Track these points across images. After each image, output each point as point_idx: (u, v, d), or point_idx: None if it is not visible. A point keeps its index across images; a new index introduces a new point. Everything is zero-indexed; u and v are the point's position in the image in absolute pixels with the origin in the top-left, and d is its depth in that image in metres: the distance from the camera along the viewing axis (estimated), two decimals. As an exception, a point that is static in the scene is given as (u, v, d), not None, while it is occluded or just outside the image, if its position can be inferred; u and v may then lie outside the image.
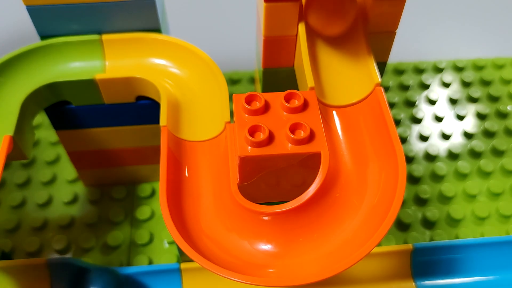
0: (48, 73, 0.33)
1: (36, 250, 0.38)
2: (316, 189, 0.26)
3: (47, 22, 0.32)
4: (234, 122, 0.27)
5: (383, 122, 0.27)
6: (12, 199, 0.41)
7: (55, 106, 0.34)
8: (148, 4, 0.32)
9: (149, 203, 0.41)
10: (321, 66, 0.31)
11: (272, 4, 0.29)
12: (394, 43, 0.33)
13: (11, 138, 0.29)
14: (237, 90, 0.48)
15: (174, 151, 0.28)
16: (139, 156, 0.39)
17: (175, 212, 0.26)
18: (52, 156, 0.43)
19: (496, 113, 0.47)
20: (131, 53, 0.33)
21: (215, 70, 0.31)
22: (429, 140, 0.45)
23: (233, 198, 0.26)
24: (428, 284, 0.32)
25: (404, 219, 0.40)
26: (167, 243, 0.39)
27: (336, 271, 0.23)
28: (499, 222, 0.40)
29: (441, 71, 0.50)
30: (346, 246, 0.25)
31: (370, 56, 0.30)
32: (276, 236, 0.26)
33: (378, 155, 0.27)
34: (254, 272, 0.25)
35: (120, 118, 0.35)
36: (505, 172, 0.43)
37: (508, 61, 0.51)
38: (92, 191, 0.41)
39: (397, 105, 0.48)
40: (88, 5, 0.31)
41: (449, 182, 0.42)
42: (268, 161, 0.26)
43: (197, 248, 0.25)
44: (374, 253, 0.32)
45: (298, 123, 0.26)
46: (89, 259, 0.38)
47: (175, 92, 0.32)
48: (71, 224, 0.40)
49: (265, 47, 0.32)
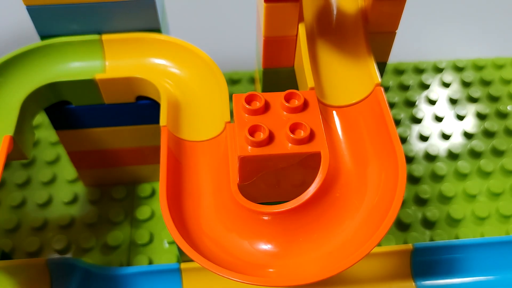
0: (48, 73, 0.33)
1: (36, 250, 0.38)
2: (316, 189, 0.26)
3: (47, 22, 0.32)
4: (234, 122, 0.27)
5: (383, 122, 0.27)
6: (12, 199, 0.41)
7: (55, 106, 0.34)
8: (148, 4, 0.32)
9: (149, 203, 0.41)
10: (321, 66, 0.31)
11: (272, 4, 0.29)
12: (394, 43, 0.33)
13: (11, 138, 0.29)
14: (237, 90, 0.48)
15: (174, 151, 0.28)
16: (139, 156, 0.39)
17: (175, 212, 0.26)
18: (52, 156, 0.43)
19: (496, 113, 0.47)
20: (131, 53, 0.33)
21: (215, 70, 0.31)
22: (429, 140, 0.45)
23: (233, 198, 0.26)
24: (428, 284, 0.32)
25: (404, 219, 0.40)
26: (167, 243, 0.39)
27: (336, 271, 0.23)
28: (499, 222, 0.40)
29: (441, 71, 0.50)
30: (346, 246, 0.25)
31: (370, 56, 0.30)
32: (276, 236, 0.26)
33: (378, 155, 0.27)
34: (254, 272, 0.25)
35: (120, 118, 0.35)
36: (505, 172, 0.43)
37: (508, 61, 0.51)
38: (92, 191, 0.41)
39: (397, 105, 0.48)
40: (88, 5, 0.31)
41: (449, 182, 0.42)
42: (268, 161, 0.26)
43: (197, 248, 0.25)
44: (374, 253, 0.32)
45: (298, 123, 0.26)
46: (89, 259, 0.38)
47: (175, 92, 0.32)
48: (71, 224, 0.40)
49: (265, 47, 0.32)
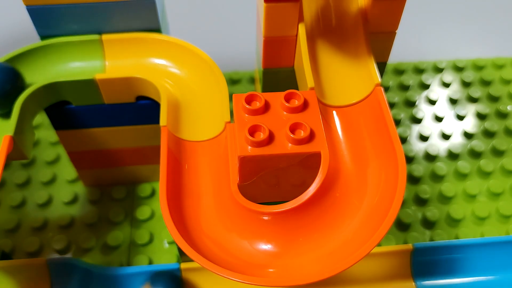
0: (48, 73, 0.33)
1: (36, 250, 0.38)
2: (316, 189, 0.26)
3: (47, 22, 0.32)
4: (234, 122, 0.27)
5: (383, 122, 0.27)
6: (12, 199, 0.41)
7: (55, 106, 0.34)
8: (148, 4, 0.32)
9: (149, 203, 0.41)
10: (321, 66, 0.31)
11: (272, 5, 0.29)
12: (394, 43, 0.33)
13: (11, 138, 0.29)
14: (237, 90, 0.48)
15: (174, 151, 0.28)
16: (139, 156, 0.39)
17: (175, 212, 0.26)
18: (52, 156, 0.43)
19: (496, 113, 0.47)
20: (131, 53, 0.33)
21: (215, 70, 0.31)
22: (429, 140, 0.45)
23: (233, 198, 0.26)
24: (428, 284, 0.32)
25: (404, 219, 0.40)
26: (167, 243, 0.39)
27: (336, 271, 0.23)
28: (499, 222, 0.40)
29: (441, 71, 0.50)
30: (346, 246, 0.25)
31: (370, 56, 0.30)
32: (276, 236, 0.26)
33: (378, 155, 0.27)
34: (254, 272, 0.25)
35: (120, 118, 0.35)
36: (505, 172, 0.43)
37: (508, 61, 0.51)
38: (92, 191, 0.41)
39: (397, 105, 0.48)
40: (88, 5, 0.31)
41: (449, 182, 0.42)
42: (268, 161, 0.26)
43: (197, 248, 0.25)
44: (374, 253, 0.32)
45: (298, 123, 0.26)
46: (89, 259, 0.38)
47: (175, 92, 0.32)
48: (71, 224, 0.40)
49: (265, 47, 0.32)
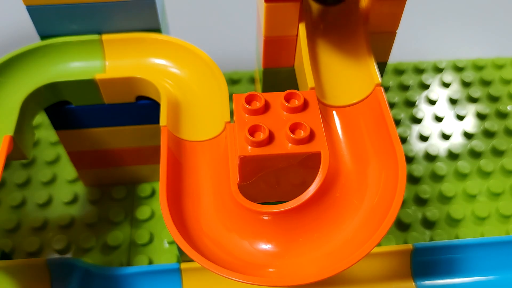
0: (48, 73, 0.33)
1: (36, 250, 0.38)
2: (316, 189, 0.26)
3: (47, 22, 0.32)
4: (234, 122, 0.27)
5: (383, 122, 0.27)
6: (12, 199, 0.41)
7: (55, 106, 0.34)
8: (148, 4, 0.32)
9: (149, 203, 0.41)
10: (321, 66, 0.31)
11: (273, 4, 0.29)
12: (394, 43, 0.33)
13: (11, 138, 0.29)
14: (237, 90, 0.48)
15: (174, 151, 0.28)
16: (139, 156, 0.39)
17: (175, 212, 0.26)
18: (52, 156, 0.43)
19: (496, 113, 0.47)
20: (131, 53, 0.33)
21: (215, 70, 0.31)
22: (429, 140, 0.45)
23: (233, 198, 0.26)
24: (428, 284, 0.32)
25: (404, 219, 0.40)
26: (167, 243, 0.39)
27: (336, 271, 0.23)
28: (499, 222, 0.40)
29: (441, 71, 0.50)
30: (346, 246, 0.25)
31: (370, 56, 0.30)
32: (276, 236, 0.26)
33: (378, 155, 0.27)
34: (254, 272, 0.25)
35: (120, 118, 0.35)
36: (505, 172, 0.43)
37: (508, 61, 0.51)
38: (92, 191, 0.41)
39: (397, 105, 0.48)
40: (88, 5, 0.31)
41: (449, 182, 0.42)
42: (268, 160, 0.26)
43: (197, 248, 0.25)
44: (374, 253, 0.32)
45: (298, 123, 0.26)
46: (89, 259, 0.38)
47: (175, 92, 0.32)
48: (71, 224, 0.39)
49: (265, 47, 0.32)
